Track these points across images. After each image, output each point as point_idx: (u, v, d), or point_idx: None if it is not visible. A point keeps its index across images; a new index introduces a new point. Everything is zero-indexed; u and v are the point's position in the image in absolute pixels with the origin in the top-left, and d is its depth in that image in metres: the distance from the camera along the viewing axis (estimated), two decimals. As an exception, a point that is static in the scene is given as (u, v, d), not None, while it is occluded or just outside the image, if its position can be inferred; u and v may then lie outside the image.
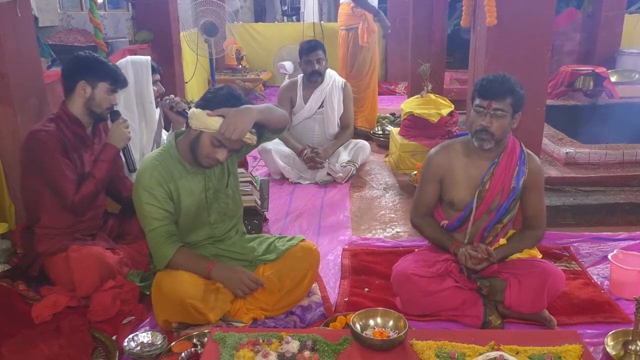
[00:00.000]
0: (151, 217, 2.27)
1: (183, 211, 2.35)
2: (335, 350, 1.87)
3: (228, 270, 2.35)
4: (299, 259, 2.49)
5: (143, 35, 5.07)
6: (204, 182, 2.38)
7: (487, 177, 2.41)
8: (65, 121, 2.55)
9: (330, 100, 4.38)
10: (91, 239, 2.64)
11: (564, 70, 5.84)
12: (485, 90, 2.31)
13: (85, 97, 2.54)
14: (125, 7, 5.11)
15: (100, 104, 2.57)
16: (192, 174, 2.34)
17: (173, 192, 2.31)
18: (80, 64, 2.56)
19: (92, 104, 2.56)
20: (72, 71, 2.56)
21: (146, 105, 3.20)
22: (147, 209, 2.26)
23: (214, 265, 2.33)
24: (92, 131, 2.67)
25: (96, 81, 2.54)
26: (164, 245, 2.28)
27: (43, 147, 2.44)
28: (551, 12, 2.94)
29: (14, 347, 2.11)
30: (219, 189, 2.43)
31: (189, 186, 2.34)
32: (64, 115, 2.55)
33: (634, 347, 2.06)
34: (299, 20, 9.35)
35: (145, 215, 2.27)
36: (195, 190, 2.36)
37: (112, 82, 2.57)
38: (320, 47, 4.34)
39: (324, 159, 4.25)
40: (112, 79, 2.57)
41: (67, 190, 2.47)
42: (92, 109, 2.57)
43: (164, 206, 2.28)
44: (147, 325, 2.41)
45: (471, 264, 2.35)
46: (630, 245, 3.05)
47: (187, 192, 2.34)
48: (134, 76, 3.13)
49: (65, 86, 2.59)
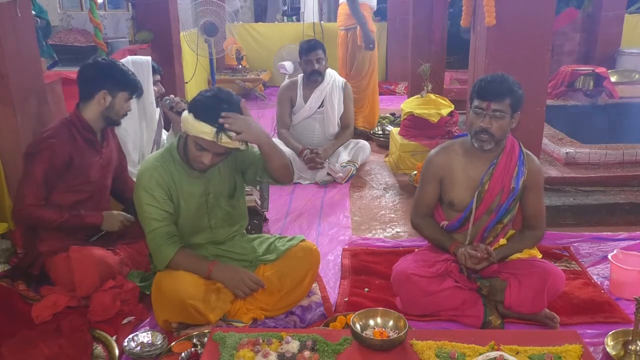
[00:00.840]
0: (151, 218, 2.27)
1: (182, 213, 2.36)
2: (335, 350, 1.87)
3: (229, 270, 2.35)
4: (299, 259, 2.49)
5: (143, 35, 5.07)
6: (204, 186, 2.37)
7: (486, 178, 2.41)
8: (78, 127, 2.55)
9: (331, 100, 4.38)
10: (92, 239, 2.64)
11: (564, 70, 5.84)
12: (483, 92, 2.31)
13: (105, 106, 2.56)
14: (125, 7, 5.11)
15: (118, 112, 2.60)
16: (192, 177, 2.34)
17: (172, 194, 2.31)
18: (104, 73, 2.55)
19: (110, 112, 2.58)
20: (93, 79, 2.55)
21: (146, 105, 3.21)
22: (147, 210, 2.27)
23: (215, 266, 2.33)
24: (102, 136, 2.68)
25: (117, 91, 2.55)
26: (164, 245, 2.28)
27: (44, 153, 2.44)
28: (551, 12, 2.94)
29: (14, 347, 2.11)
30: (220, 195, 2.42)
31: (188, 189, 2.34)
32: (76, 121, 2.56)
33: (634, 347, 2.06)
34: (299, 20, 9.35)
35: (145, 216, 2.28)
36: (195, 194, 2.36)
37: (131, 92, 2.61)
38: (320, 46, 4.34)
39: (324, 160, 4.25)
40: (132, 89, 2.60)
41: (28, 196, 2.46)
42: (110, 116, 2.59)
43: (164, 207, 2.29)
44: (147, 325, 2.41)
45: (471, 264, 2.35)
46: (630, 245, 3.05)
47: (186, 195, 2.34)
48: None
49: (82, 92, 2.58)
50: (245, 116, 2.21)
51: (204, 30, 5.46)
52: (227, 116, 2.15)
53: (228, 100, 2.20)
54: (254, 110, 6.76)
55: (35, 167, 2.45)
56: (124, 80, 2.57)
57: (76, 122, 2.56)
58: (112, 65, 2.58)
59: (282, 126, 4.44)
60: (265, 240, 2.59)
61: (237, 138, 2.17)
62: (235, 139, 2.17)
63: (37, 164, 2.45)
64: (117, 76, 2.55)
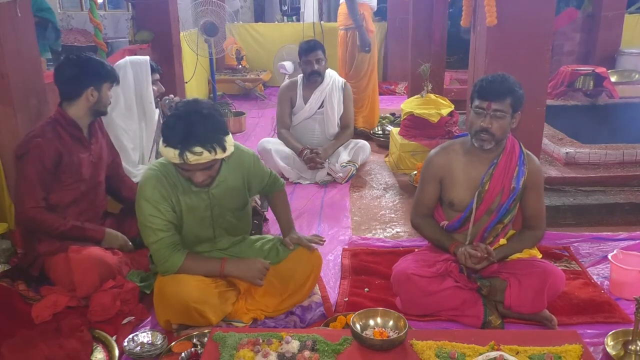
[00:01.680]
0: (155, 229, 2.22)
1: (186, 225, 2.32)
2: (335, 350, 1.87)
3: (243, 263, 2.37)
4: (301, 262, 2.49)
5: (143, 35, 5.07)
6: (208, 200, 2.32)
7: (486, 178, 2.41)
8: (63, 124, 2.55)
9: (330, 100, 4.38)
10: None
11: (564, 70, 5.84)
12: (484, 92, 2.31)
13: (93, 102, 2.58)
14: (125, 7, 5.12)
15: (105, 103, 2.64)
16: (195, 192, 2.28)
17: (176, 206, 2.26)
18: (86, 71, 2.55)
19: (98, 106, 2.61)
20: (78, 78, 2.54)
21: (146, 105, 3.20)
22: (151, 220, 2.21)
23: (227, 262, 2.34)
24: (89, 132, 2.67)
25: (101, 84, 2.59)
26: (170, 255, 2.25)
27: (33, 153, 2.44)
28: (551, 12, 2.94)
29: (14, 347, 2.11)
30: (225, 208, 2.38)
31: (191, 202, 2.29)
32: (61, 119, 2.55)
33: (634, 347, 2.06)
34: (299, 20, 9.35)
35: (148, 226, 2.22)
36: (199, 207, 2.31)
37: (112, 81, 2.65)
38: (320, 47, 4.34)
39: (323, 159, 4.25)
40: (112, 78, 2.65)
41: (27, 198, 2.45)
42: (98, 109, 2.62)
43: (168, 218, 2.24)
44: (147, 325, 2.41)
45: (471, 263, 2.35)
46: (630, 245, 3.05)
47: (189, 208, 2.29)
48: (134, 76, 3.14)
49: (67, 92, 2.56)
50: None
51: (204, 30, 5.46)
52: None
53: (187, 118, 2.07)
54: (254, 110, 6.78)
55: (27, 169, 2.45)
56: (104, 71, 2.61)
57: (61, 120, 2.55)
58: (89, 61, 2.59)
59: (282, 126, 4.44)
60: (267, 242, 2.57)
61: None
62: None
63: (28, 165, 2.45)
64: (98, 70, 2.59)
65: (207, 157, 2.09)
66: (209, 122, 2.10)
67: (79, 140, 2.60)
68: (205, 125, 2.08)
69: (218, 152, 2.11)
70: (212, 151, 2.09)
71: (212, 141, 2.09)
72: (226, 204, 2.37)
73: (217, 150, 2.10)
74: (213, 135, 2.09)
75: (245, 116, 6.05)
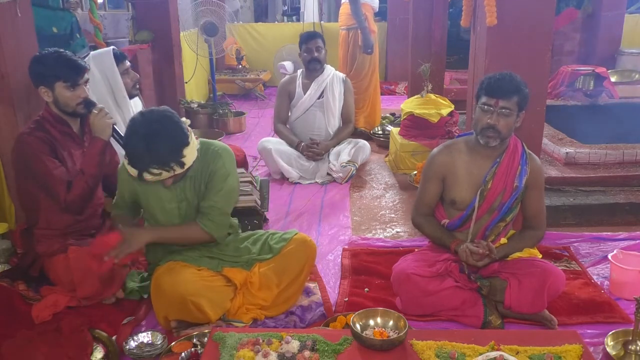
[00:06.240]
0: (114, 203, 2.50)
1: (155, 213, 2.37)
2: (335, 350, 1.87)
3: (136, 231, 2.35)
4: (295, 253, 2.50)
5: (143, 35, 5.08)
6: (173, 193, 2.34)
7: (489, 177, 2.41)
8: (50, 121, 2.52)
9: (332, 90, 4.42)
10: (90, 238, 2.63)
11: (564, 70, 5.84)
12: (492, 89, 2.31)
13: (52, 100, 2.49)
14: (125, 7, 5.10)
15: (67, 102, 2.48)
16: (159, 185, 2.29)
17: (140, 193, 2.36)
18: (32, 71, 2.48)
19: (59, 105, 2.50)
20: (32, 78, 2.50)
21: (118, 98, 3.10)
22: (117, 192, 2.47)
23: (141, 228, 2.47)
24: (81, 128, 2.64)
25: (52, 83, 2.46)
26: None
27: (29, 149, 2.42)
28: (551, 12, 2.94)
29: (14, 347, 2.11)
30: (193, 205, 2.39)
31: (155, 191, 2.33)
32: (48, 116, 2.53)
33: (634, 347, 2.06)
34: (299, 20, 9.36)
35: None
36: (164, 198, 2.34)
37: (66, 79, 2.45)
38: (320, 36, 4.42)
39: (322, 150, 4.26)
40: (65, 76, 2.44)
41: (57, 190, 2.45)
42: (64, 109, 2.51)
43: (125, 197, 2.44)
44: (147, 325, 2.41)
45: (472, 261, 2.35)
46: (630, 245, 3.05)
47: (154, 196, 2.35)
48: (98, 71, 3.04)
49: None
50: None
51: (204, 30, 5.47)
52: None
53: (143, 138, 2.05)
54: (254, 110, 6.78)
55: (37, 164, 2.42)
56: (52, 70, 2.44)
57: (48, 117, 2.52)
58: (36, 60, 2.49)
59: (279, 120, 4.48)
60: (259, 238, 2.57)
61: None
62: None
63: (36, 161, 2.42)
64: (42, 70, 2.45)
65: (166, 175, 2.13)
66: (166, 142, 2.08)
67: (69, 136, 2.57)
68: (163, 145, 2.07)
69: (177, 169, 2.13)
70: (170, 170, 2.12)
71: (169, 160, 2.09)
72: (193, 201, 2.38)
73: (175, 168, 2.12)
74: (170, 154, 2.09)
75: (245, 116, 6.06)
